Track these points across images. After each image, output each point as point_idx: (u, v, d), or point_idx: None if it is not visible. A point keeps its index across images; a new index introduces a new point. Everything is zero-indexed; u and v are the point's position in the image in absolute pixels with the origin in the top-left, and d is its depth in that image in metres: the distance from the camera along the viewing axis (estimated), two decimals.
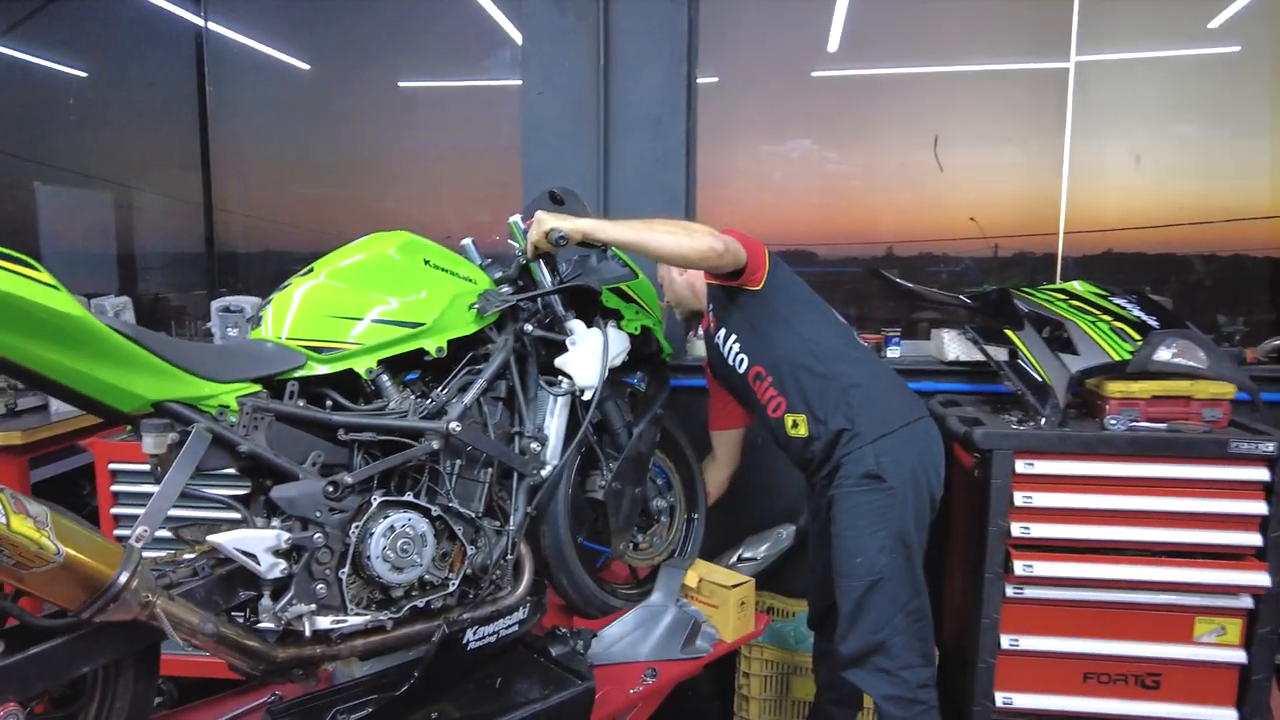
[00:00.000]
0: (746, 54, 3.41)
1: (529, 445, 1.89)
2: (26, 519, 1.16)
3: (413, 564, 1.64)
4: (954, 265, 3.77)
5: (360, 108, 4.17)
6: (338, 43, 4.08)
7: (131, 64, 4.17)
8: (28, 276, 1.21)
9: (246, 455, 1.50)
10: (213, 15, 3.86)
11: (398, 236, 1.81)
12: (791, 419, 2.07)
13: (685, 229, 1.92)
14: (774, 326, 2.08)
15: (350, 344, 1.68)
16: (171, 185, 4.30)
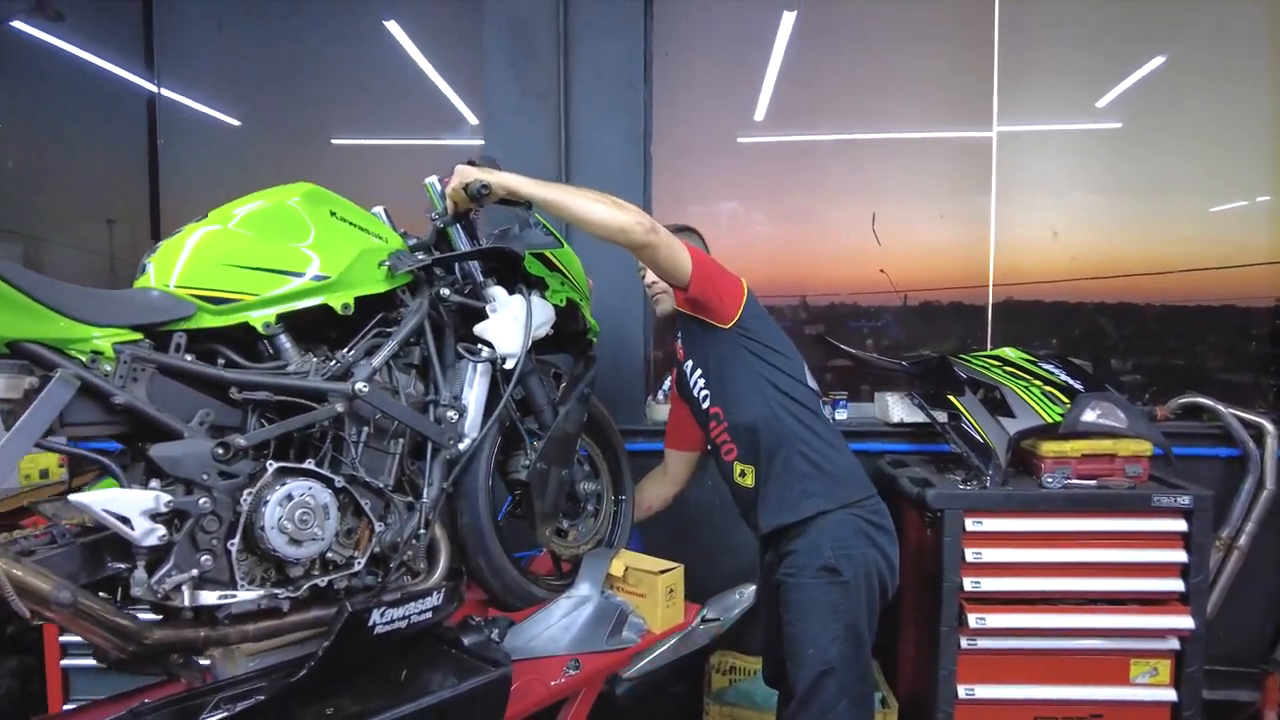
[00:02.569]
0: (681, 123, 3.44)
1: (445, 415, 1.75)
2: None
3: (313, 538, 1.48)
4: (875, 319, 3.89)
5: (292, 161, 4.05)
6: (272, 101, 3.94)
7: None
8: None
9: (122, 408, 1.32)
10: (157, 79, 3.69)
11: (301, 186, 1.68)
12: (740, 468, 2.04)
13: (616, 202, 1.83)
14: (739, 373, 2.02)
15: (246, 295, 1.52)
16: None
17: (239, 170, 4.05)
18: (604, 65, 2.89)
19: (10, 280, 1.21)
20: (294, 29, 3.77)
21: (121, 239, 4.10)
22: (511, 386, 1.82)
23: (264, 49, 3.86)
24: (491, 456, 1.92)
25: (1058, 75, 3.44)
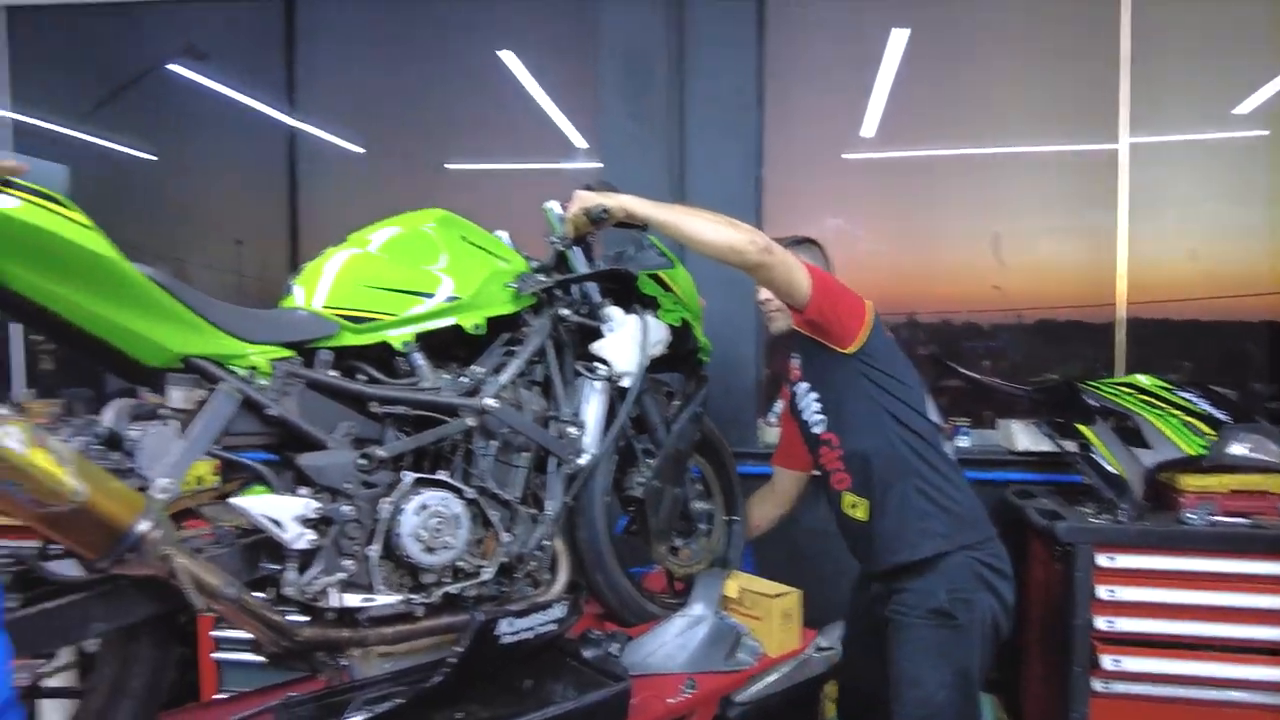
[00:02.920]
0: (787, 142, 3.44)
1: (566, 430, 1.81)
2: (48, 453, 1.09)
3: (446, 546, 1.55)
4: (990, 339, 3.77)
5: (409, 186, 4.24)
6: (392, 129, 4.13)
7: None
8: (60, 214, 1.17)
9: (275, 420, 1.43)
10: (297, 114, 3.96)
11: (435, 212, 1.78)
12: (852, 499, 1.96)
13: (730, 222, 1.81)
14: (858, 403, 1.93)
15: (385, 315, 1.62)
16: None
17: (362, 194, 4.27)
18: (717, 91, 2.93)
19: (187, 302, 1.33)
20: (415, 63, 3.96)
21: (249, 258, 4.37)
22: (628, 404, 1.86)
23: (387, 81, 4.07)
24: (609, 473, 1.96)
25: (1192, 82, 3.27)
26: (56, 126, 3.82)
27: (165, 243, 4.39)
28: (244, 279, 4.47)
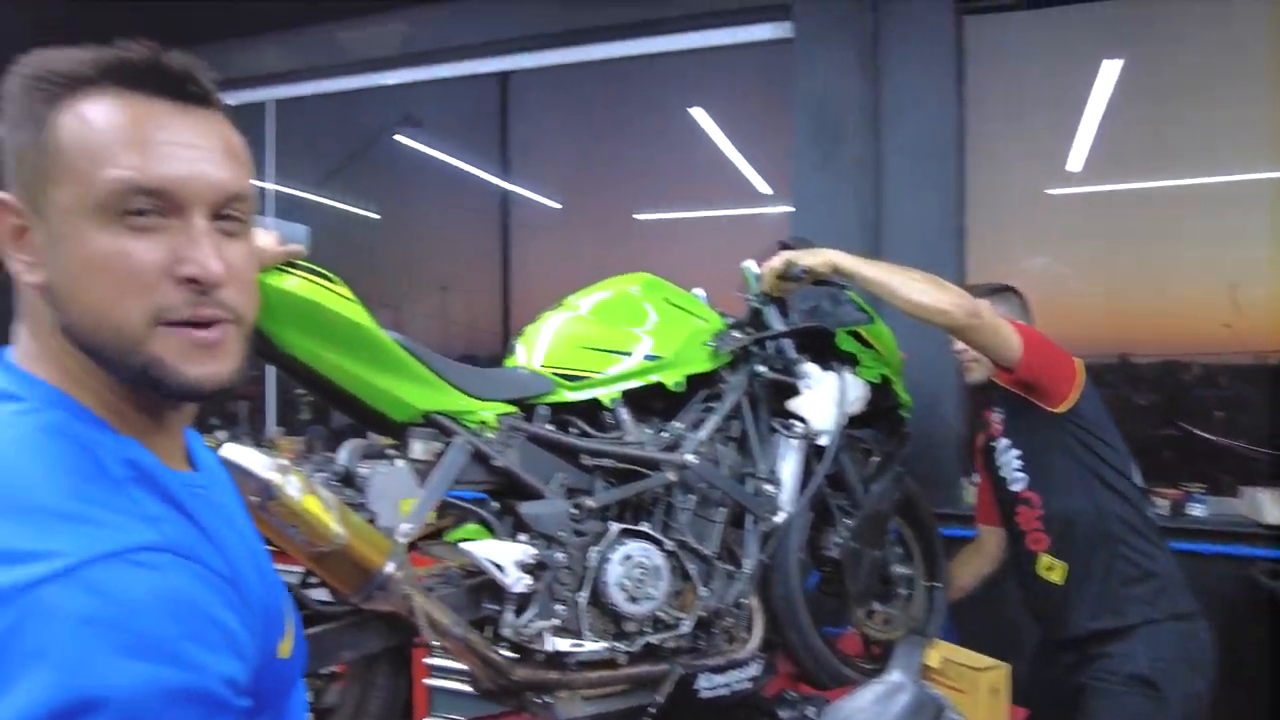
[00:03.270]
0: (986, 182, 3.33)
1: (762, 487, 1.83)
2: (318, 499, 1.25)
3: (648, 596, 1.60)
4: (1222, 387, 3.40)
5: (600, 236, 4.46)
6: (587, 185, 4.36)
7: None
8: (329, 288, 1.35)
9: (500, 471, 1.56)
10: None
11: (640, 277, 1.88)
12: (1049, 561, 1.91)
13: (937, 282, 1.81)
14: (1064, 462, 1.90)
15: (596, 373, 1.72)
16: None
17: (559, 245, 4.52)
18: (915, 141, 2.88)
19: (429, 364, 1.49)
20: (610, 125, 4.18)
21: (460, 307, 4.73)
22: (825, 462, 1.85)
23: (584, 143, 4.32)
24: (804, 532, 1.95)
25: None
26: (302, 193, 4.37)
27: (385, 292, 4.86)
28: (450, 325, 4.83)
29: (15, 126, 0.63)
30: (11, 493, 0.57)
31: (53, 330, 0.64)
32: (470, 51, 3.59)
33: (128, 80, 0.62)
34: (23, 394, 0.64)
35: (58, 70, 0.62)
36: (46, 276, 0.63)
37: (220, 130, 0.67)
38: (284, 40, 3.77)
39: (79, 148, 0.61)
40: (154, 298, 0.61)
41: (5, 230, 0.64)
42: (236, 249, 0.66)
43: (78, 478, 0.59)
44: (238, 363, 0.67)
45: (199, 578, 0.58)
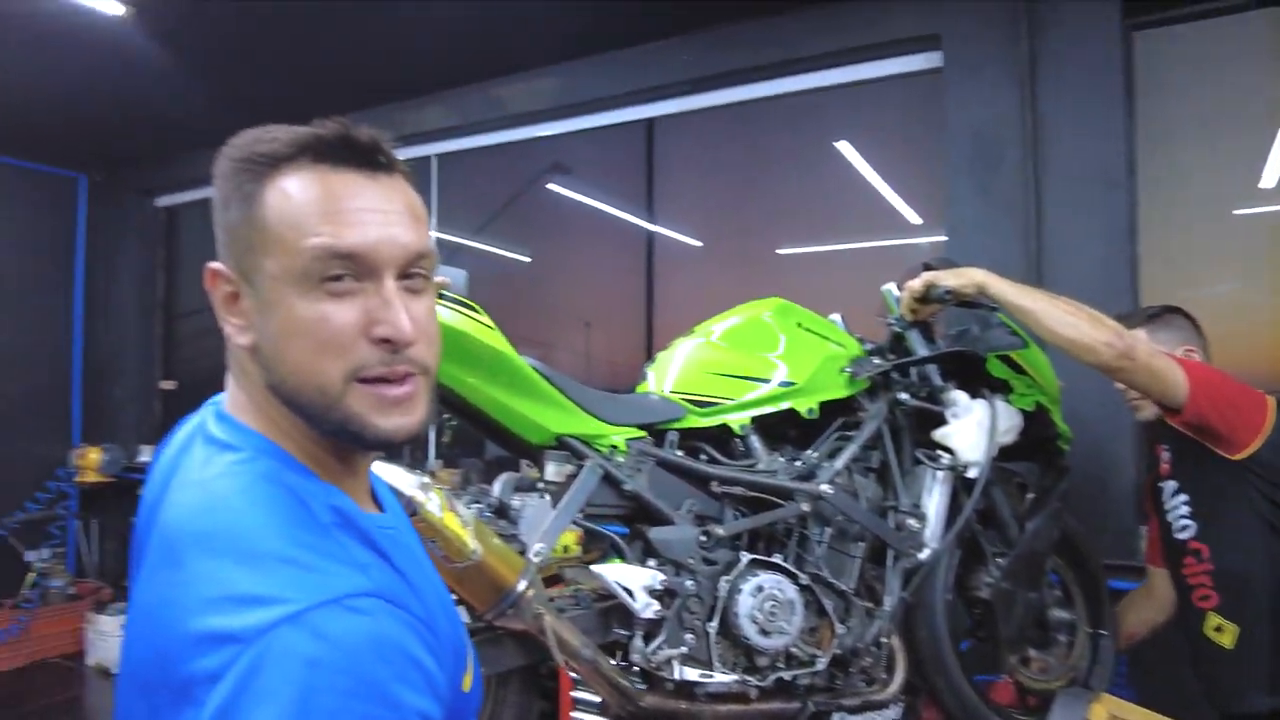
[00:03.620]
0: (1158, 205, 3.07)
1: (905, 522, 1.74)
2: (455, 516, 1.31)
3: (780, 631, 1.56)
4: None
5: (742, 272, 4.48)
6: (727, 222, 4.41)
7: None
8: (472, 317, 1.43)
9: (629, 495, 1.57)
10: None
11: (771, 301, 1.86)
12: (1217, 621, 1.69)
13: (1089, 316, 1.64)
14: (1240, 516, 1.67)
15: (726, 400, 1.71)
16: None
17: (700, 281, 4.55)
18: (1079, 166, 2.70)
19: (562, 389, 1.54)
20: (752, 163, 4.20)
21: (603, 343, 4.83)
22: (974, 497, 1.74)
23: (726, 182, 4.35)
24: (951, 570, 1.83)
25: None
26: (462, 240, 4.64)
27: (535, 329, 5.07)
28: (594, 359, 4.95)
29: (227, 204, 0.70)
30: (240, 539, 0.62)
31: (260, 386, 0.71)
32: (618, 101, 3.73)
33: (322, 154, 0.68)
34: (239, 444, 0.70)
35: (261, 152, 0.68)
36: (255, 339, 0.69)
37: (404, 194, 0.72)
38: (447, 99, 4.07)
39: (283, 221, 0.67)
40: (351, 358, 0.67)
41: (219, 296, 0.72)
42: (421, 305, 0.71)
43: (294, 525, 0.64)
44: (426, 413, 0.72)
45: (403, 622, 0.62)
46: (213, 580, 0.60)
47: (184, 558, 0.63)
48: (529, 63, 3.76)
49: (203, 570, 0.61)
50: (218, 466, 0.69)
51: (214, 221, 0.72)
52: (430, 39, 3.37)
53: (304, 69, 3.61)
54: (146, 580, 0.68)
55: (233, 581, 0.59)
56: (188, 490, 0.69)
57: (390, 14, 3.08)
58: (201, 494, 0.68)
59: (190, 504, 0.68)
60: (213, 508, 0.66)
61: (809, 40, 3.28)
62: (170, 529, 0.67)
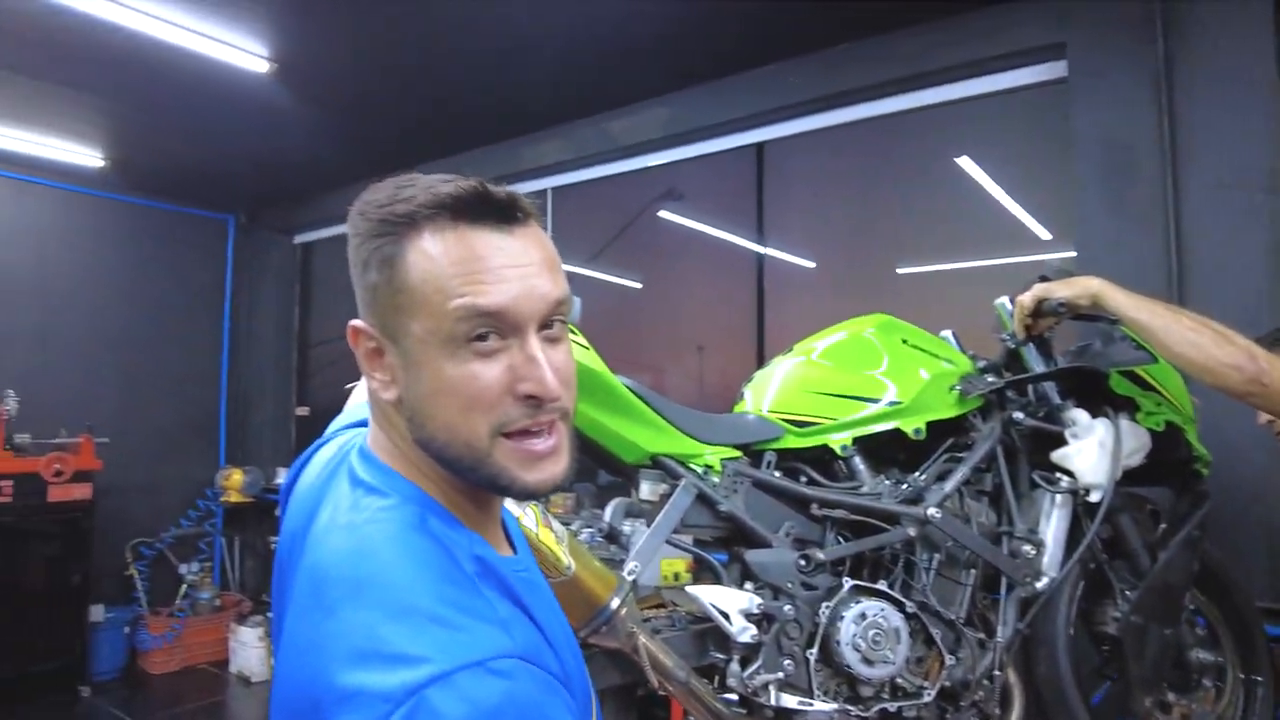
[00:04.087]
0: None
1: (1020, 548, 1.64)
2: (550, 532, 1.33)
3: (884, 660, 1.49)
4: None
5: (860, 293, 4.40)
6: (843, 243, 4.35)
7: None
8: (572, 340, 1.46)
9: (725, 516, 1.55)
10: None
11: (875, 318, 1.80)
12: None
13: (1219, 334, 1.49)
14: None
15: (826, 419, 1.67)
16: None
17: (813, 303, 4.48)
18: (1225, 174, 2.50)
19: (656, 408, 1.55)
20: (867, 183, 4.12)
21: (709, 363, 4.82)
22: (1097, 523, 1.62)
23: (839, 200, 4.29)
24: (1074, 602, 1.71)
25: None
26: (576, 269, 4.76)
27: (647, 354, 5.12)
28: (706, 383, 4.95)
29: (366, 266, 0.70)
30: (390, 592, 0.64)
31: (405, 437, 0.73)
32: (729, 126, 3.76)
33: (459, 212, 0.69)
34: (385, 489, 0.72)
35: (399, 213, 0.69)
36: (400, 393, 0.71)
37: (541, 244, 0.72)
38: (561, 134, 4.20)
39: (426, 283, 0.67)
40: (497, 414, 0.68)
41: (362, 352, 0.73)
42: (560, 352, 0.73)
43: (441, 579, 0.65)
44: (570, 461, 0.74)
45: (543, 685, 0.63)
46: (363, 634, 0.61)
47: (335, 605, 0.65)
48: (639, 94, 3.84)
49: (354, 621, 0.63)
50: (366, 512, 0.71)
51: (353, 278, 0.73)
52: (544, 77, 3.50)
53: (426, 111, 3.82)
54: (297, 618, 0.69)
55: (382, 638, 0.61)
56: (338, 534, 0.71)
57: (506, 56, 3.22)
58: (352, 539, 0.69)
59: (341, 549, 0.69)
60: (363, 555, 0.67)
61: (924, 57, 3.21)
62: (320, 570, 0.69)
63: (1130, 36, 2.69)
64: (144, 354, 4.83)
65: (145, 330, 4.85)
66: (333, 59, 3.15)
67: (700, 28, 3.10)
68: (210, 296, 5.25)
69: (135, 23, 2.64)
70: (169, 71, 3.10)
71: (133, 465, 4.62)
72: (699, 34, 3.16)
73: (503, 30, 2.96)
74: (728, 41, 3.26)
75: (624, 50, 3.26)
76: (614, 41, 3.16)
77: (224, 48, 2.87)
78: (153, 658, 4.38)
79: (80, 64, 3.09)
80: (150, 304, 4.89)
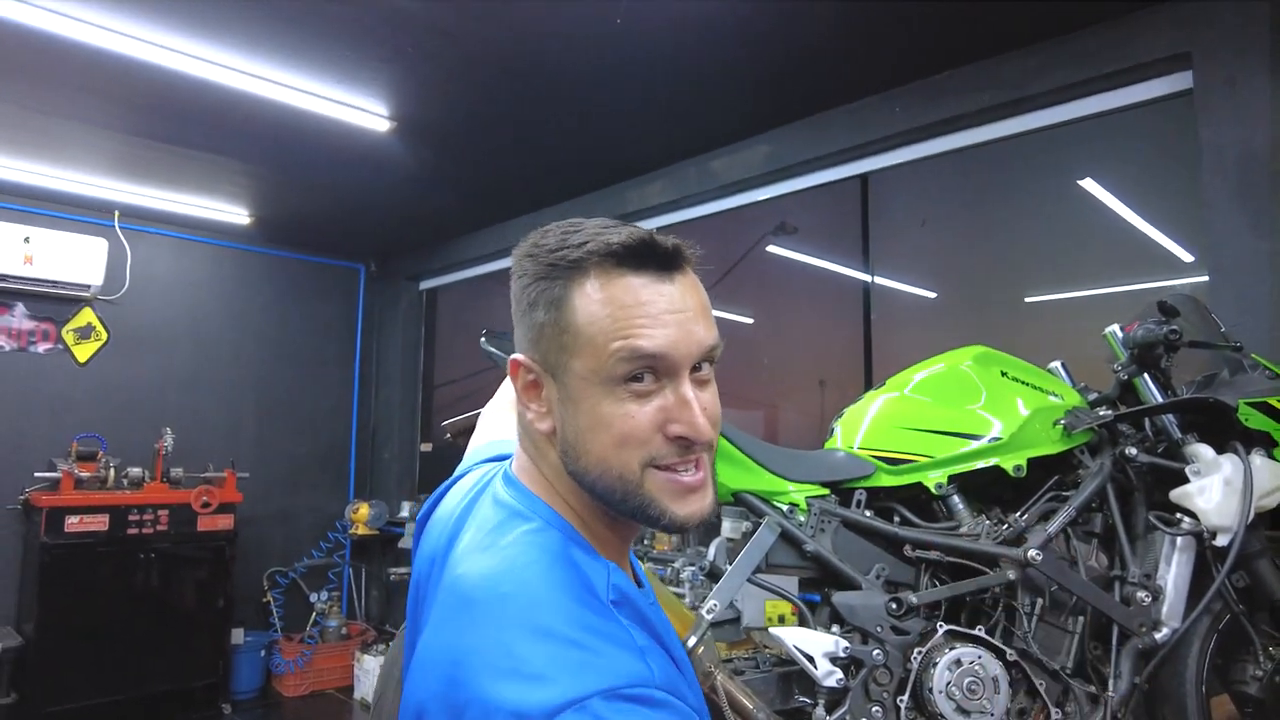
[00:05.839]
0: None
1: (1135, 595, 1.51)
2: None
3: (981, 710, 1.41)
4: None
5: (984, 323, 4.26)
6: (965, 272, 4.24)
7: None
8: None
9: (811, 556, 1.52)
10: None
11: (973, 350, 1.73)
12: None
13: None
14: None
15: (921, 456, 1.61)
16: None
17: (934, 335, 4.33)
18: None
19: (737, 444, 1.54)
20: (984, 211, 3.98)
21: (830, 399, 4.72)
22: (1226, 569, 1.48)
23: (958, 231, 4.15)
24: (1205, 656, 1.56)
25: None
26: None
27: (761, 391, 5.08)
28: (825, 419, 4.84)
29: (534, 305, 0.75)
30: (533, 614, 0.65)
31: (554, 466, 0.76)
32: (832, 159, 3.74)
33: (624, 260, 0.72)
34: (530, 514, 0.75)
35: (569, 259, 0.73)
36: (554, 425, 0.75)
37: (697, 290, 0.76)
38: (665, 175, 4.29)
39: (591, 324, 0.71)
40: (648, 449, 0.72)
41: (520, 384, 0.77)
42: (709, 393, 0.76)
43: (582, 606, 0.67)
44: (715, 494, 0.77)
45: (680, 715, 0.63)
46: (505, 652, 0.63)
47: (479, 621, 0.66)
48: (740, 134, 3.88)
49: (497, 639, 0.64)
50: (511, 534, 0.73)
51: (514, 314, 0.77)
52: (648, 122, 3.59)
53: (537, 161, 3.99)
54: (436, 630, 0.71)
55: (524, 658, 0.62)
56: (482, 555, 0.73)
57: (611, 104, 3.33)
58: (496, 559, 0.71)
59: (486, 568, 0.71)
60: (507, 575, 0.69)
61: (1032, 79, 3.09)
62: (464, 587, 0.71)
63: (1260, 41, 2.50)
64: (281, 393, 5.21)
65: (283, 371, 5.23)
66: (447, 115, 3.35)
67: (799, 64, 3.10)
68: (342, 340, 5.61)
69: (272, 93, 2.90)
70: (302, 135, 3.38)
71: (270, 498, 4.97)
72: (798, 71, 3.16)
73: (608, 79, 3.06)
74: (827, 76, 3.25)
75: (725, 91, 3.31)
76: (716, 83, 3.21)
77: (349, 110, 3.10)
78: (286, 681, 4.64)
79: (228, 134, 3.41)
80: (288, 347, 5.27)
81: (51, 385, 4.32)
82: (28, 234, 4.12)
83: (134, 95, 3.02)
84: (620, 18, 2.52)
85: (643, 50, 2.82)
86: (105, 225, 4.48)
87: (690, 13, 2.54)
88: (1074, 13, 2.83)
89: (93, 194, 4.16)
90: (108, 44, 2.55)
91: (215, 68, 2.72)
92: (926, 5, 2.67)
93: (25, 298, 4.24)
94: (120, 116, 3.28)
